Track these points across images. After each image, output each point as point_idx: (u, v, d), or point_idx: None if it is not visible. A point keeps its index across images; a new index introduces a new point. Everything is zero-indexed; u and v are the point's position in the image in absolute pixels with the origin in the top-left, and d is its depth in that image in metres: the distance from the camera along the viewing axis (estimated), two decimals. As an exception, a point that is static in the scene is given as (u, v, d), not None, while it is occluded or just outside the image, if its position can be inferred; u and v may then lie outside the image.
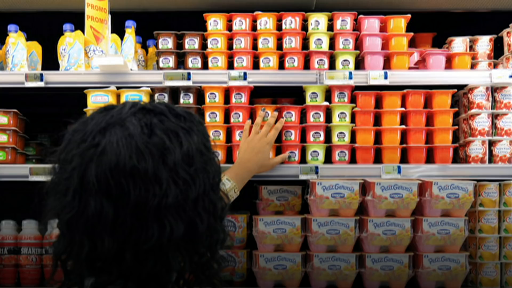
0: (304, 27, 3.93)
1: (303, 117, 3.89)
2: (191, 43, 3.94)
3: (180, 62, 4.00)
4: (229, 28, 3.93)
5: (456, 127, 3.89)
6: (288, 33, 3.88)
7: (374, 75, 3.78)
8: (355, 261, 3.63)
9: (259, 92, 3.94)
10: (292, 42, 3.88)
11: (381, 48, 3.90)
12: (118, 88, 3.79)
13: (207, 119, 3.82)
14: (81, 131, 1.78)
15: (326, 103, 3.84)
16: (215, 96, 3.83)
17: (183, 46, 3.95)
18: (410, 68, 3.95)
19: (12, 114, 3.89)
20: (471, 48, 4.08)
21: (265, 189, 3.92)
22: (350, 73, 3.78)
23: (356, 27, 3.95)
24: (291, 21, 3.89)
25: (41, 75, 3.76)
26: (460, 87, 3.92)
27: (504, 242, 3.75)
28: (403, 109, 3.82)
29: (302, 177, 3.73)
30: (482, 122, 3.81)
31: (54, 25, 3.98)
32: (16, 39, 3.90)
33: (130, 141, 1.71)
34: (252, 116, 3.86)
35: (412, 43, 4.12)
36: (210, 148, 1.90)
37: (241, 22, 3.89)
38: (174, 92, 3.93)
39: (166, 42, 3.95)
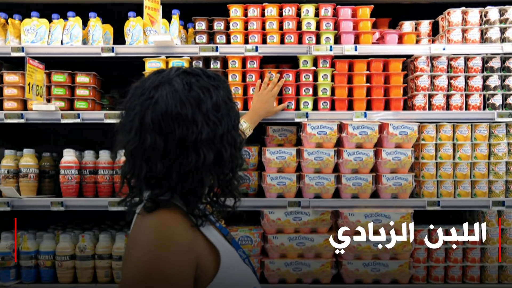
0: (298, 14, 3.88)
1: (297, 77, 3.85)
2: (218, 25, 3.89)
3: (211, 38, 3.97)
4: (245, 14, 3.89)
5: (406, 85, 3.84)
6: (287, 18, 3.83)
7: (347, 48, 3.73)
8: (334, 179, 3.62)
9: (267, 60, 3.93)
10: (289, 25, 3.82)
11: (353, 29, 3.84)
12: (166, 57, 3.77)
13: (230, 79, 3.80)
14: (140, 87, 1.80)
15: (314, 68, 3.80)
16: (235, 63, 3.81)
17: (213, 27, 3.90)
18: (373, 43, 3.90)
19: (92, 76, 3.91)
20: (416, 29, 4.05)
21: (270, 128, 3.92)
22: (331, 47, 3.74)
23: (335, 14, 3.88)
24: (289, 10, 3.84)
25: (113, 48, 3.74)
26: (408, 56, 3.89)
27: (439, 166, 3.73)
28: (368, 72, 3.78)
29: (297, 120, 3.71)
30: (423, 81, 3.78)
31: (122, 12, 3.99)
32: (95, 23, 3.90)
33: (175, 95, 1.72)
34: (261, 77, 3.82)
35: (374, 26, 4.06)
36: (232, 99, 1.91)
37: (253, 11, 3.85)
38: (207, 60, 3.89)
39: (201, 24, 3.91)
